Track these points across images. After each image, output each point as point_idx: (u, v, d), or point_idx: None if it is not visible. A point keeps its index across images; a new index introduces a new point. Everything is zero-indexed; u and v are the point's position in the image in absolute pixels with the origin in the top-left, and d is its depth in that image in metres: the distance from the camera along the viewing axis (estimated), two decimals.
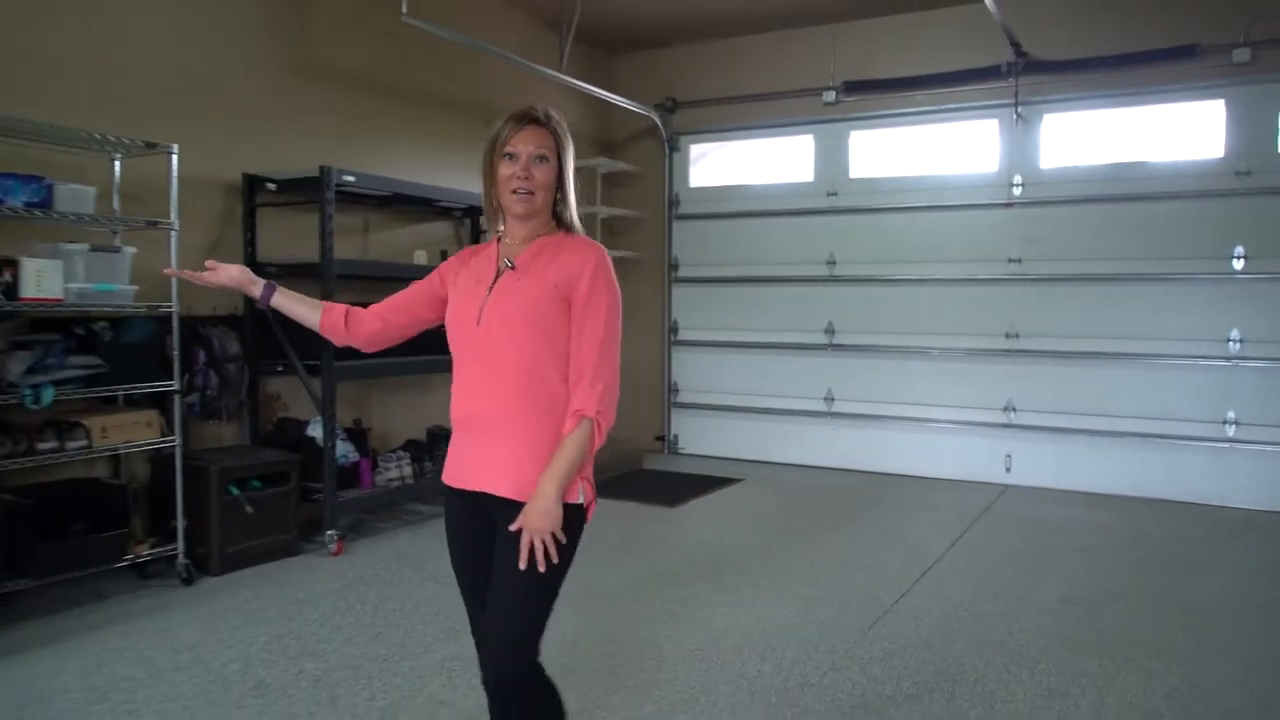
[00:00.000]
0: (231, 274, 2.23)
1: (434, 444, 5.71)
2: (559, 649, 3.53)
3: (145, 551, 4.11)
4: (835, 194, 7.23)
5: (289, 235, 5.16)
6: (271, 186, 4.94)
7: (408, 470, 5.37)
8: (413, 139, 6.05)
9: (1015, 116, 6.50)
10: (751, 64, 7.51)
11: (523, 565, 1.87)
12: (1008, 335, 6.63)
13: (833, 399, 7.27)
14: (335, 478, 4.75)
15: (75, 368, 3.82)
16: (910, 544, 5.01)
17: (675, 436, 7.97)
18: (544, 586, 1.95)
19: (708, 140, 7.85)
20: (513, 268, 2.06)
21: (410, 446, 5.61)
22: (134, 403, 4.20)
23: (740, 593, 4.16)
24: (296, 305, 2.25)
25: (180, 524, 4.19)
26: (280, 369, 4.97)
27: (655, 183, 7.96)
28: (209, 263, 2.25)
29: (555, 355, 2.00)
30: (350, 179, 4.83)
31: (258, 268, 4.90)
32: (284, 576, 4.34)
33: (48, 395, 3.68)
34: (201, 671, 3.24)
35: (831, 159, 7.28)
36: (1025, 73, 6.42)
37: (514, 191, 2.05)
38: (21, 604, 3.76)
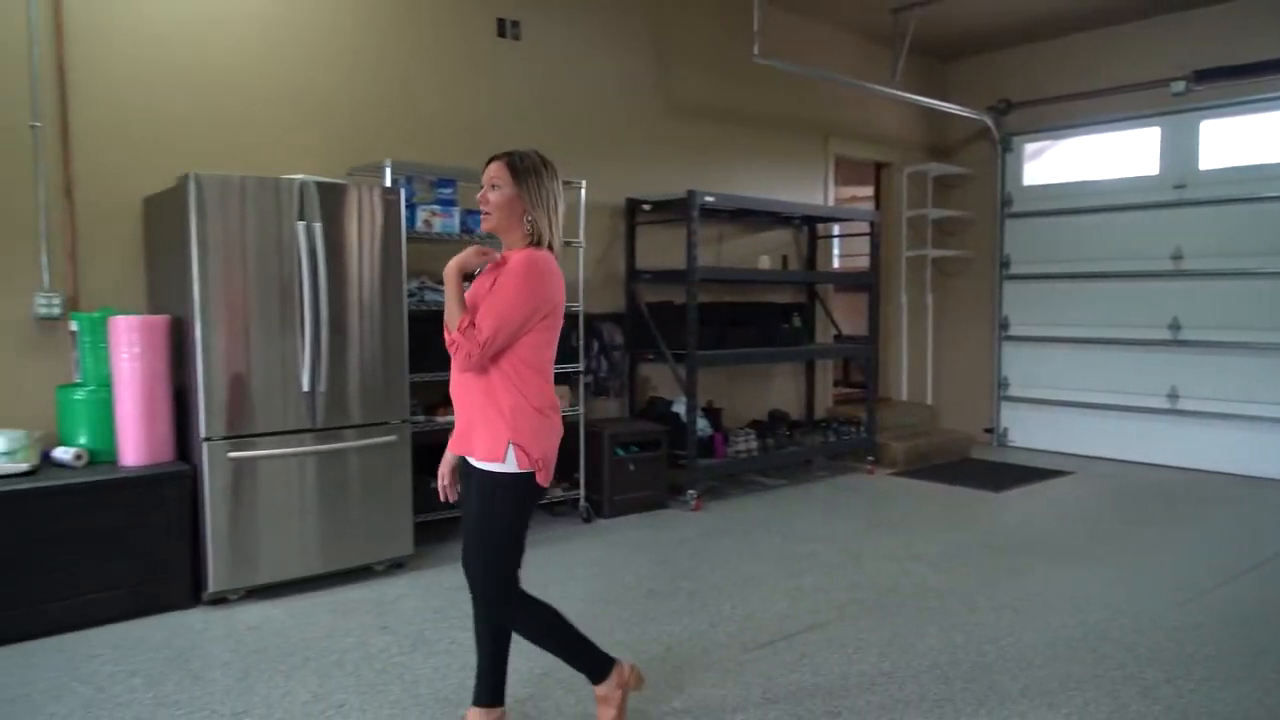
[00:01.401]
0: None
1: (775, 425, 6.57)
2: (882, 592, 4.20)
3: (558, 493, 5.37)
4: (1183, 186, 7.04)
5: (660, 247, 6.26)
6: (647, 207, 6.07)
7: (754, 445, 6.26)
8: (757, 158, 6.96)
9: None
10: (1087, 60, 7.52)
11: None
12: None
13: (1177, 395, 7.09)
14: (696, 447, 5.76)
15: None
16: (1246, 541, 4.98)
17: (1004, 429, 8.15)
18: (492, 535, 2.53)
19: (1043, 139, 7.94)
20: (479, 274, 2.61)
21: (755, 425, 6.51)
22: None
23: (1055, 564, 4.52)
24: None
25: (582, 475, 5.40)
26: (651, 357, 6.08)
27: (987, 183, 8.19)
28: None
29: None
30: (710, 199, 5.80)
31: (635, 274, 6.08)
32: (656, 523, 5.40)
33: None
34: (608, 580, 4.33)
35: (1179, 150, 7.09)
36: None
37: (480, 212, 2.61)
38: (460, 526, 5.15)
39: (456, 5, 5.33)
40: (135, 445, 3.86)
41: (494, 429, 2.48)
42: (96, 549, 3.67)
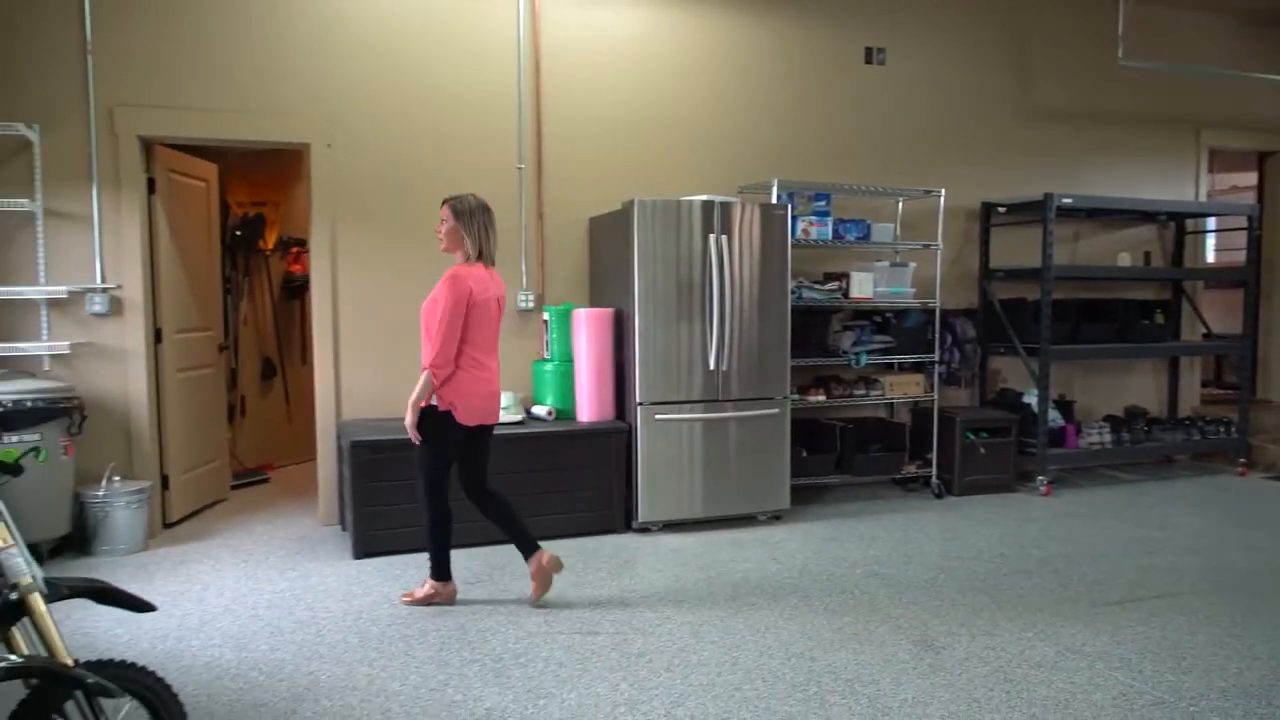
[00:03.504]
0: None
1: (1131, 420, 6.63)
2: (1241, 575, 4.34)
3: (912, 470, 5.99)
4: None
5: (1013, 247, 6.62)
6: (1002, 210, 6.46)
7: (1107, 438, 6.41)
8: (1116, 156, 7.02)
9: None
10: None
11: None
12: None
13: None
14: (1046, 436, 6.08)
15: (877, 343, 5.85)
16: None
17: None
18: (422, 456, 3.79)
19: None
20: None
21: (1109, 420, 6.63)
22: (906, 368, 6.12)
23: None
24: None
25: (934, 455, 5.98)
26: (1003, 350, 6.47)
27: None
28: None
29: (428, 331, 3.75)
30: (1068, 201, 6.08)
31: (989, 272, 6.49)
32: (1003, 504, 5.83)
33: (862, 359, 5.76)
34: (960, 544, 4.90)
35: None
36: None
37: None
38: (832, 492, 5.94)
39: (831, 41, 6.14)
40: (589, 406, 5.11)
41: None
42: (563, 481, 4.96)
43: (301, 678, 3.18)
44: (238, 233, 6.75)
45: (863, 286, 5.71)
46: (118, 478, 4.76)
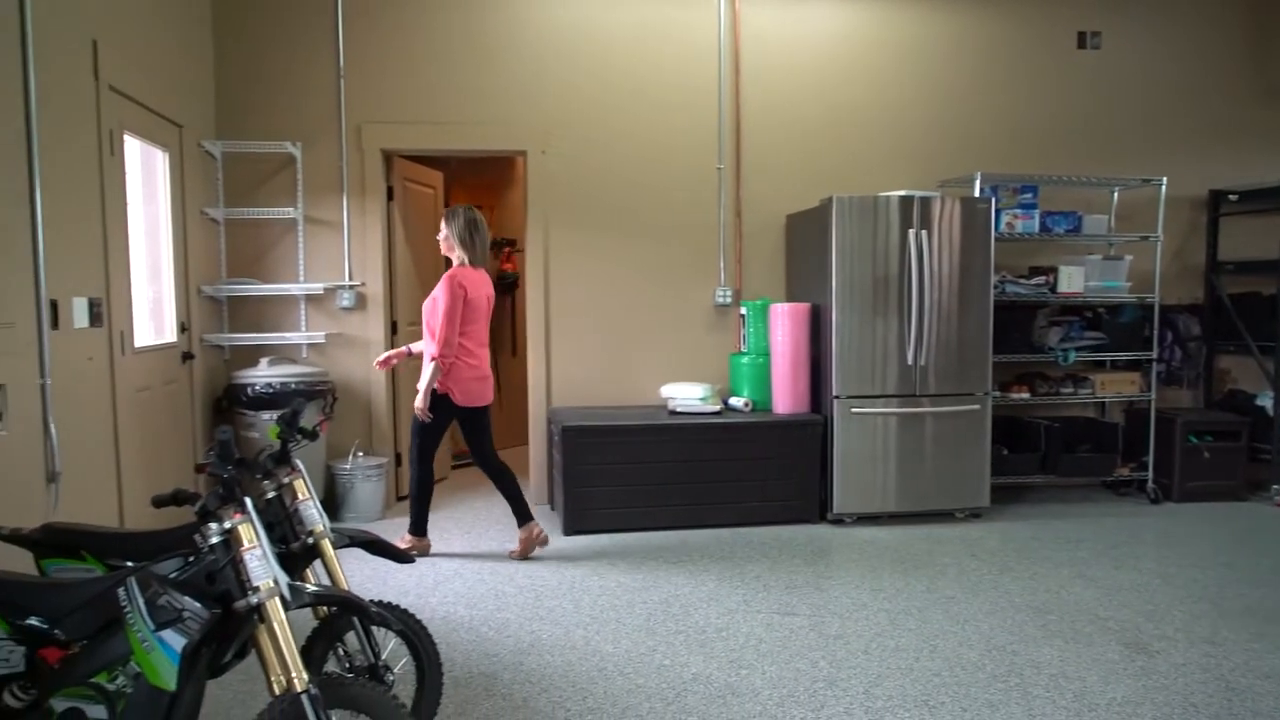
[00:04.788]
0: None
1: None
2: None
3: (1125, 473, 5.70)
4: None
5: (1246, 238, 6.14)
6: (1233, 198, 6.01)
7: None
8: None
9: None
10: None
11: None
12: None
13: None
14: None
15: (1087, 339, 5.61)
16: None
17: None
18: (420, 428, 4.41)
19: None
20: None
21: None
22: (1119, 366, 5.83)
23: None
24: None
25: (1150, 458, 5.67)
26: (1232, 348, 6.02)
27: None
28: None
29: (430, 327, 4.36)
30: None
31: (1218, 266, 6.07)
32: (1230, 513, 5.43)
33: (1071, 357, 5.55)
34: (1179, 550, 4.64)
35: None
36: None
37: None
38: (1035, 493, 5.76)
39: (1040, 26, 5.94)
40: (784, 398, 5.24)
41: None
42: (758, 471, 5.11)
43: (525, 635, 3.52)
44: None
45: (1072, 281, 5.50)
46: (360, 453, 5.36)
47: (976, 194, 5.30)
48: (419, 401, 4.33)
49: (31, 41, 3.11)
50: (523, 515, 4.53)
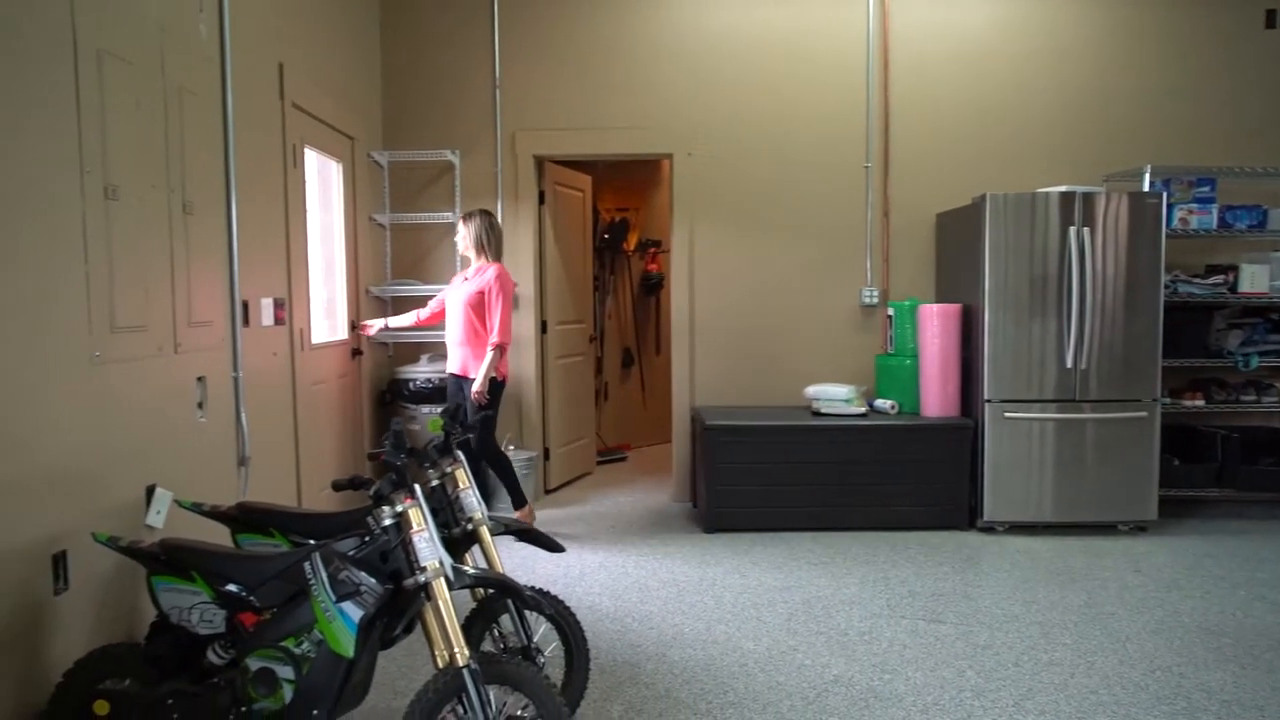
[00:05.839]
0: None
1: None
2: None
3: None
4: None
5: None
6: None
7: None
8: None
9: None
10: None
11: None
12: None
13: None
14: None
15: (1272, 343, 5.20)
16: None
17: None
18: (482, 415, 4.56)
19: None
20: (466, 279, 4.85)
21: None
22: None
23: None
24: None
25: None
26: None
27: None
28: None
29: (478, 317, 4.71)
30: None
31: None
32: None
33: (1253, 362, 5.15)
34: None
35: None
36: None
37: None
38: (1209, 507, 5.37)
39: (1224, 8, 5.54)
40: (933, 401, 5.11)
41: (480, 358, 4.72)
42: (905, 475, 5.01)
43: (668, 628, 3.60)
44: (605, 236, 7.53)
45: (1256, 280, 5.11)
46: (513, 446, 5.60)
47: (1145, 188, 5.00)
48: (478, 385, 4.65)
49: (230, 68, 3.43)
50: (519, 501, 4.91)
